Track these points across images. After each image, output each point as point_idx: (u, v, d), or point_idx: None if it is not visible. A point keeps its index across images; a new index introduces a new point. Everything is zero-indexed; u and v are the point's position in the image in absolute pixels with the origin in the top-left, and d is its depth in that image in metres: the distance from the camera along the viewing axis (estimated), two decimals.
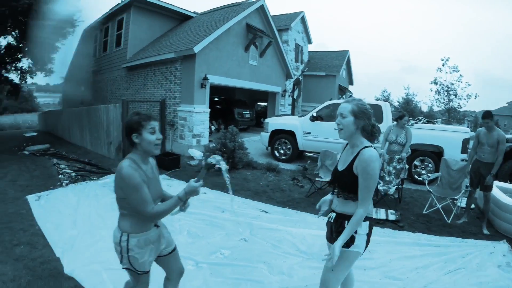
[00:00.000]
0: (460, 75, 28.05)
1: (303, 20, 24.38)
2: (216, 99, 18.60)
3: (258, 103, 23.38)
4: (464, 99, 28.42)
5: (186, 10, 17.48)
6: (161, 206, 2.12)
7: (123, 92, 15.91)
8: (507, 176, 7.87)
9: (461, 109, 29.80)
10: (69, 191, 6.86)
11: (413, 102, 40.29)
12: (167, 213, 2.14)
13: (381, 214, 5.70)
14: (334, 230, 2.35)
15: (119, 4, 15.76)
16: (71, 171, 8.56)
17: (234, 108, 17.38)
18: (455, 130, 8.41)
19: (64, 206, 5.91)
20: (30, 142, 14.26)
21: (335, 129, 2.36)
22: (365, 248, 2.29)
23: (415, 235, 4.91)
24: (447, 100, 29.38)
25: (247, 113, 18.06)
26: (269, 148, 11.18)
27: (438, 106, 30.83)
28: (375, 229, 4.84)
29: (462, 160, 7.11)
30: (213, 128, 16.22)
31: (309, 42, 26.12)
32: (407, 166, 6.58)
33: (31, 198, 6.35)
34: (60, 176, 8.17)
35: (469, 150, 7.24)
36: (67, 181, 7.66)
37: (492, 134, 5.28)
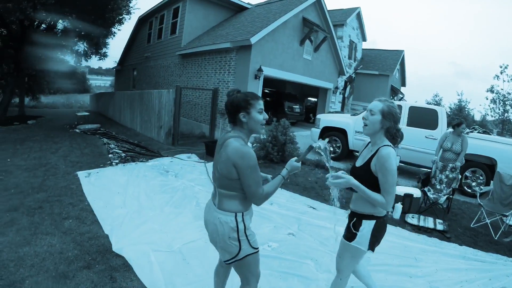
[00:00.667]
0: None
1: (358, 17, 23.84)
2: (267, 91, 18.43)
3: (308, 98, 23.07)
4: None
5: (242, 1, 17.40)
6: (269, 187, 2.10)
7: (176, 78, 16.07)
8: None
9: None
10: (119, 170, 7.00)
11: (466, 109, 38.53)
12: (273, 193, 2.12)
13: (429, 222, 5.50)
14: (345, 227, 2.52)
15: None
16: (120, 151, 8.73)
17: (284, 102, 17.13)
18: (511, 143, 7.99)
19: (114, 185, 6.02)
20: (82, 121, 14.76)
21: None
22: (373, 247, 2.34)
23: (462, 248, 4.73)
24: (503, 111, 27.82)
25: (297, 108, 17.76)
26: None
27: (492, 116, 29.16)
28: (423, 237, 4.95)
29: None
30: None
31: (364, 39, 25.56)
32: (460, 176, 6.33)
33: (81, 174, 6.53)
34: (110, 155, 8.36)
35: None
36: (117, 161, 7.80)
37: None
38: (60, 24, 16.45)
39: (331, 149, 10.30)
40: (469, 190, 7.79)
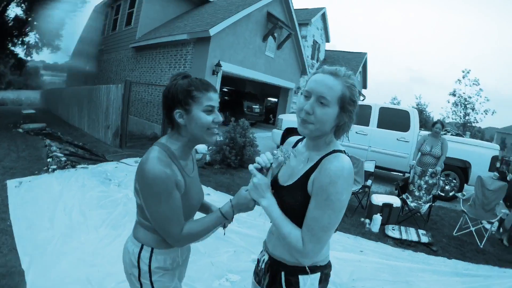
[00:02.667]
0: (480, 89, 27.39)
1: (323, 17, 23.58)
2: (225, 89, 17.76)
3: (268, 98, 22.52)
4: (482, 114, 27.80)
5: None
6: (195, 227, 1.43)
7: (128, 73, 15.01)
8: None
9: (476, 124, 29.09)
10: (54, 179, 6.06)
11: (425, 112, 39.54)
12: (202, 236, 1.46)
13: (412, 234, 5.08)
14: (265, 283, 1.51)
15: None
16: (61, 155, 7.75)
17: (243, 101, 16.43)
18: (485, 145, 8.01)
19: (44, 197, 5.13)
20: (28, 120, 13.64)
21: (357, 132, 1.45)
22: None
23: (451, 262, 4.45)
24: (464, 113, 28.66)
25: (256, 108, 17.12)
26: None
27: (453, 119, 30.13)
28: (409, 253, 4.56)
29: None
30: None
31: (327, 40, 25.36)
32: (441, 182, 6.04)
33: (11, 183, 5.62)
34: (48, 159, 7.42)
35: (502, 170, 7.53)
36: (54, 167, 6.84)
37: None
38: (11, 11, 15.22)
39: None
40: (443, 194, 7.69)
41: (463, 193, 6.04)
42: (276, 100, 20.74)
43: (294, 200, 1.32)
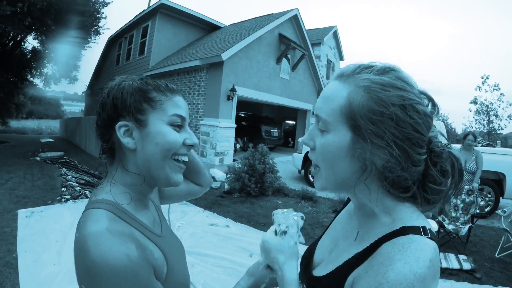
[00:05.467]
0: (501, 94, 26.49)
1: (335, 35, 23.58)
2: (242, 114, 17.53)
3: (286, 121, 22.29)
4: (506, 119, 26.82)
5: (215, 20, 16.63)
6: None
7: None
8: None
9: (501, 131, 28.08)
10: (66, 209, 5.99)
11: (446, 123, 38.72)
12: None
13: (452, 262, 4.57)
14: None
15: (145, 10, 15.11)
16: (76, 184, 7.70)
17: (261, 126, 16.20)
18: None
19: (54, 229, 5.01)
20: (46, 148, 13.91)
21: None
22: None
23: None
24: (487, 121, 27.75)
25: (275, 131, 16.88)
26: (303, 171, 9.92)
27: (477, 128, 29.09)
28: (451, 283, 4.10)
29: None
30: (238, 146, 15.14)
31: (341, 58, 25.27)
32: (479, 200, 5.47)
33: (22, 213, 5.60)
34: (63, 189, 7.38)
35: None
36: (68, 196, 6.77)
37: None
38: (29, 44, 15.65)
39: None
40: (478, 211, 7.09)
41: (503, 210, 5.58)
42: (294, 122, 20.44)
43: None
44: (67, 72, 17.60)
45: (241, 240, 4.84)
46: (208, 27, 16.57)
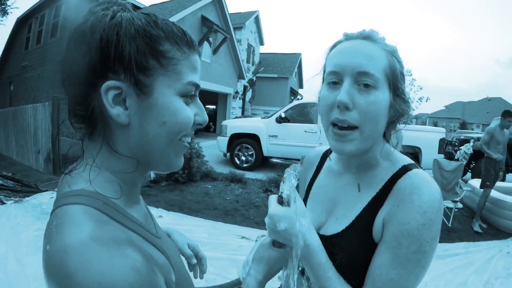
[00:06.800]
0: (413, 79, 28.89)
1: (257, 20, 23.77)
2: None
3: (206, 106, 22.10)
4: (417, 101, 29.37)
5: (134, 0, 15.64)
6: None
7: (59, 91, 13.69)
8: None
9: (412, 111, 30.77)
10: None
11: None
12: None
13: None
14: None
15: None
16: None
17: None
18: (431, 130, 8.64)
19: None
20: None
21: (306, 131, 0.94)
22: None
23: None
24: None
25: None
26: (228, 154, 9.88)
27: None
28: None
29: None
30: None
31: (261, 43, 25.63)
32: None
33: None
34: None
35: (448, 150, 8.36)
36: None
37: (504, 132, 5.54)
38: None
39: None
40: None
41: None
42: (214, 107, 20.36)
43: (350, 253, 0.80)
44: None
45: (178, 229, 4.66)
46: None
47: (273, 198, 0.82)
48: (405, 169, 0.80)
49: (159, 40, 0.59)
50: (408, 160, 0.85)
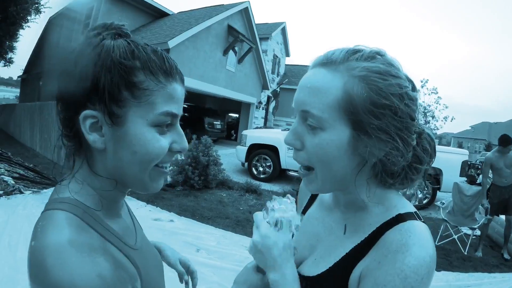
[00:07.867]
0: (438, 97, 28.56)
1: (283, 31, 23.70)
2: (185, 105, 16.93)
3: (229, 114, 22.16)
4: (442, 120, 28.90)
5: (163, 6, 15.98)
6: None
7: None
8: None
9: (437, 131, 30.35)
10: None
11: None
12: None
13: None
14: None
15: None
16: (9, 178, 6.92)
17: (204, 117, 15.85)
18: (454, 151, 8.35)
19: None
20: None
21: None
22: None
23: (441, 274, 4.33)
24: (424, 121, 29.70)
25: (218, 124, 16.59)
26: (246, 164, 9.89)
27: None
28: None
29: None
30: None
31: (287, 54, 25.53)
32: (418, 192, 5.83)
33: None
34: None
35: (471, 173, 7.96)
36: (0, 192, 6.05)
37: (509, 156, 5.09)
38: None
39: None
40: (417, 203, 7.67)
41: (442, 202, 5.99)
42: (237, 115, 20.31)
43: None
44: (2, 53, 16.09)
45: (187, 235, 4.69)
46: (155, 13, 15.90)
47: (261, 216, 0.79)
48: (398, 219, 0.69)
49: (134, 71, 0.61)
50: (407, 208, 0.72)
